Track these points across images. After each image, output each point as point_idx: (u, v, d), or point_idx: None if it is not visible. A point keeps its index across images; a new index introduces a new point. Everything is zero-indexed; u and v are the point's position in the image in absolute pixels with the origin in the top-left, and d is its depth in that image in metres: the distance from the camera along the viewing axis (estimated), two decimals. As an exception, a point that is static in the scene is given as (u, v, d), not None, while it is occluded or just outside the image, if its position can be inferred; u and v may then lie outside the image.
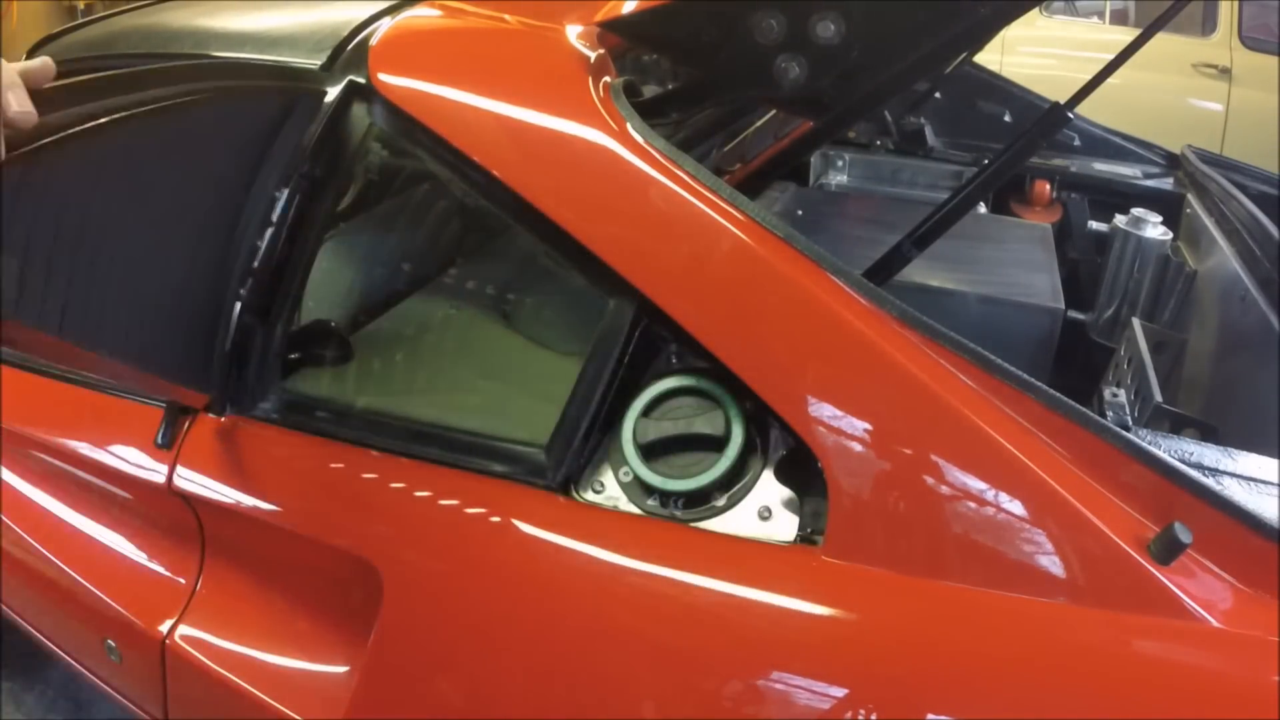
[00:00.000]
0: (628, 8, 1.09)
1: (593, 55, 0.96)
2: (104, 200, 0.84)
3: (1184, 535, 0.67)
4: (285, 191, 0.96)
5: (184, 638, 1.07)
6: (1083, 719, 0.68)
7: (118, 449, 1.12)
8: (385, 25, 1.02)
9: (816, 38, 0.94)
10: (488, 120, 0.91)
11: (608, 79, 0.94)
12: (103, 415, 1.15)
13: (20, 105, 0.71)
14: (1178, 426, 1.05)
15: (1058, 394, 0.74)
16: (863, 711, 0.72)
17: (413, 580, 0.91)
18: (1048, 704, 0.69)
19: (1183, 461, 0.76)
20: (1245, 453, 0.86)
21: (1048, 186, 1.91)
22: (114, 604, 1.13)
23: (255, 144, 0.96)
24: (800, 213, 1.66)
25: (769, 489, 0.82)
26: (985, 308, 1.35)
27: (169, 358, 0.94)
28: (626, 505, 0.84)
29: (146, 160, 0.86)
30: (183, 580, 1.11)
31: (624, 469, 0.85)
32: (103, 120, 0.81)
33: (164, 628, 1.08)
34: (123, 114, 0.83)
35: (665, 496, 0.82)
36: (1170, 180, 1.87)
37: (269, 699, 1.00)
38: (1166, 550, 0.68)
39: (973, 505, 0.73)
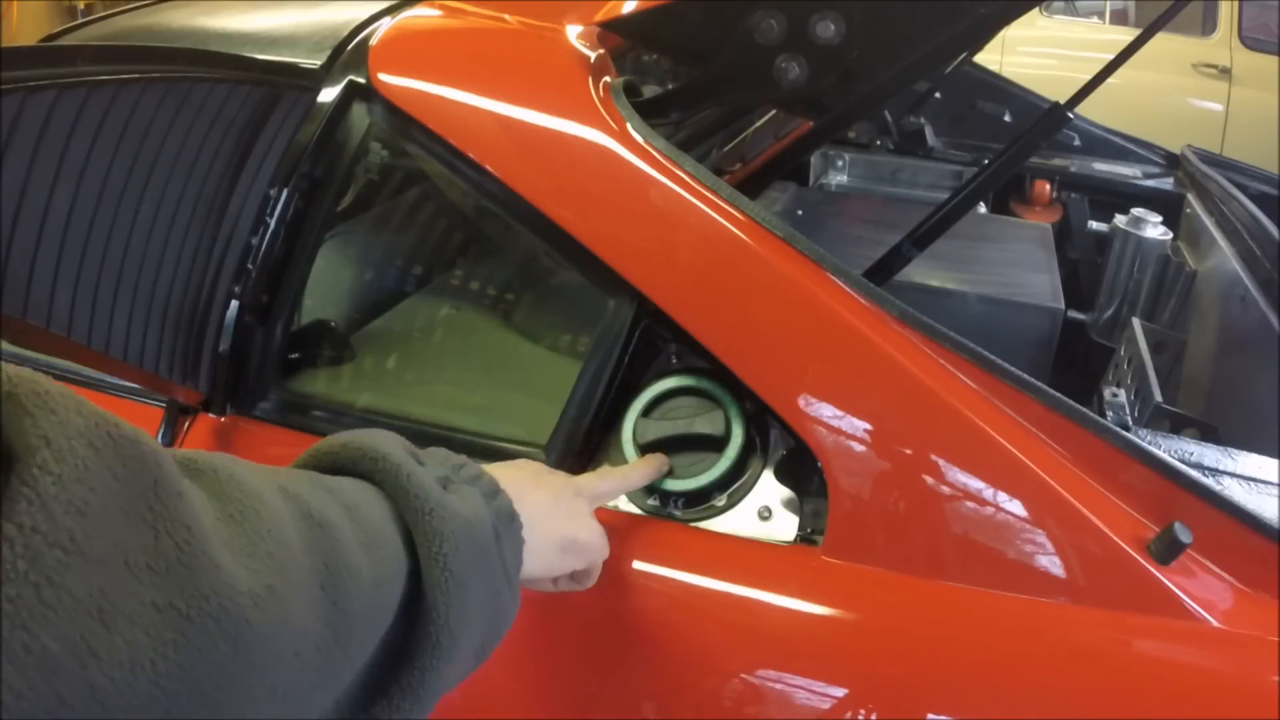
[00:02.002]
0: (628, 8, 1.09)
1: (593, 55, 0.96)
2: (99, 194, 0.83)
3: (1184, 535, 0.67)
4: (285, 191, 0.96)
5: (184, 638, 1.07)
6: (1083, 719, 0.68)
7: (117, 449, 1.12)
8: (385, 25, 1.02)
9: (816, 38, 0.94)
10: (487, 120, 0.91)
11: (608, 79, 0.94)
12: (102, 415, 1.15)
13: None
14: (1178, 426, 1.05)
15: (1058, 394, 0.75)
16: (863, 711, 0.72)
17: (413, 580, 0.91)
18: (1048, 704, 0.69)
19: (1183, 461, 0.76)
20: (1245, 453, 0.86)
21: (1048, 186, 1.91)
22: (114, 604, 1.13)
23: (254, 143, 0.96)
24: (800, 213, 1.66)
25: (769, 489, 0.82)
26: (985, 308, 1.35)
27: (160, 353, 0.94)
28: (626, 505, 0.84)
29: (141, 156, 0.86)
30: (182, 580, 1.11)
31: (624, 469, 0.85)
32: (99, 114, 0.81)
33: (164, 628, 1.08)
34: (119, 109, 0.83)
35: (665, 496, 0.83)
36: (1170, 180, 1.87)
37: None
38: (1166, 550, 0.68)
39: (973, 505, 0.73)
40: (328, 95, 0.98)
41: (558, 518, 0.68)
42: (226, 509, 0.39)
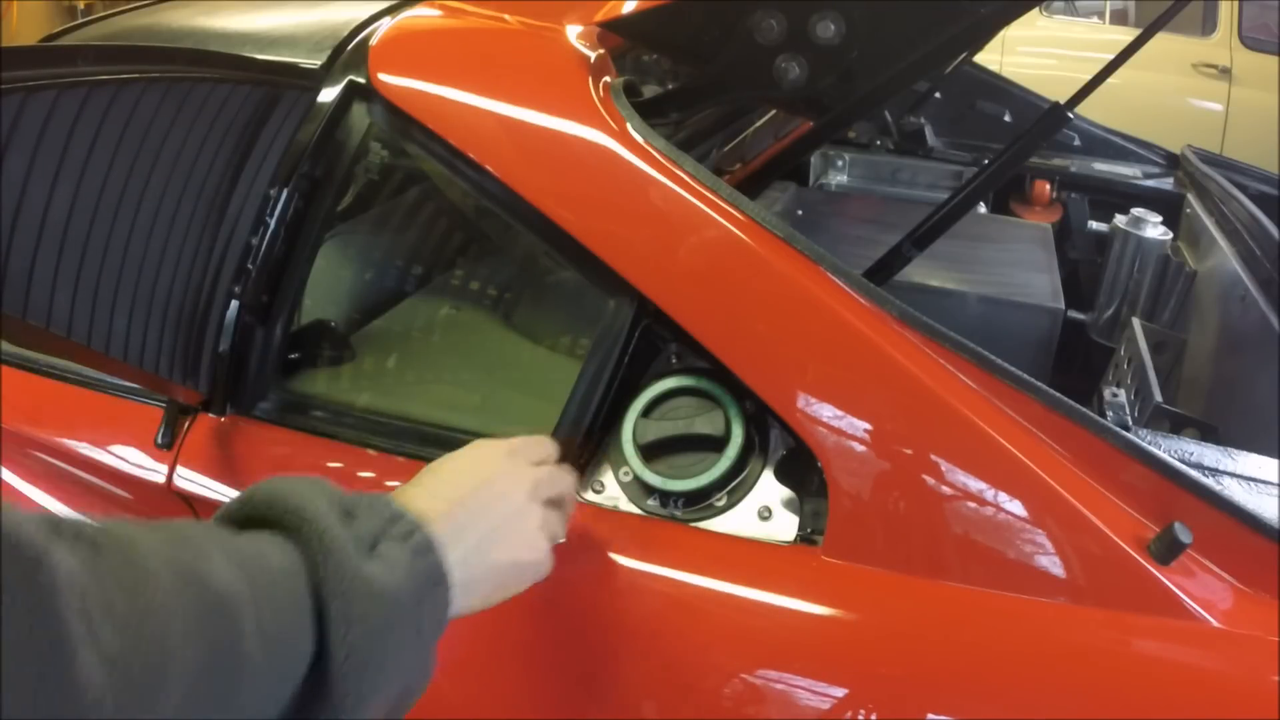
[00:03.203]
0: (628, 8, 1.09)
1: (593, 55, 0.96)
2: (99, 194, 0.83)
3: (1184, 535, 0.67)
4: (285, 191, 0.96)
5: (184, 638, 1.07)
6: (1083, 719, 0.68)
7: (118, 449, 1.12)
8: (385, 25, 1.02)
9: (816, 38, 0.94)
10: (487, 120, 0.91)
11: (608, 79, 0.94)
12: (103, 415, 1.15)
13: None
14: (1178, 426, 1.05)
15: (1058, 394, 0.74)
16: (863, 711, 0.72)
17: (413, 580, 0.91)
18: (1048, 704, 0.69)
19: (1183, 461, 0.76)
20: (1245, 453, 0.86)
21: (1048, 186, 1.91)
22: (114, 604, 1.13)
23: (254, 143, 0.96)
24: (800, 213, 1.66)
25: (769, 489, 0.82)
26: (985, 308, 1.35)
27: (160, 353, 0.94)
28: (626, 505, 0.84)
29: (142, 156, 0.86)
30: (183, 580, 1.11)
31: (624, 469, 0.85)
32: (100, 114, 0.81)
33: (164, 628, 1.08)
34: (120, 109, 0.83)
35: (665, 496, 0.82)
36: (1170, 180, 1.87)
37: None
38: (1166, 550, 0.68)
39: (973, 505, 0.73)
40: (328, 95, 0.98)
41: (501, 544, 0.65)
42: (106, 596, 0.38)
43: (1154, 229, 1.63)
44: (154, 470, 1.06)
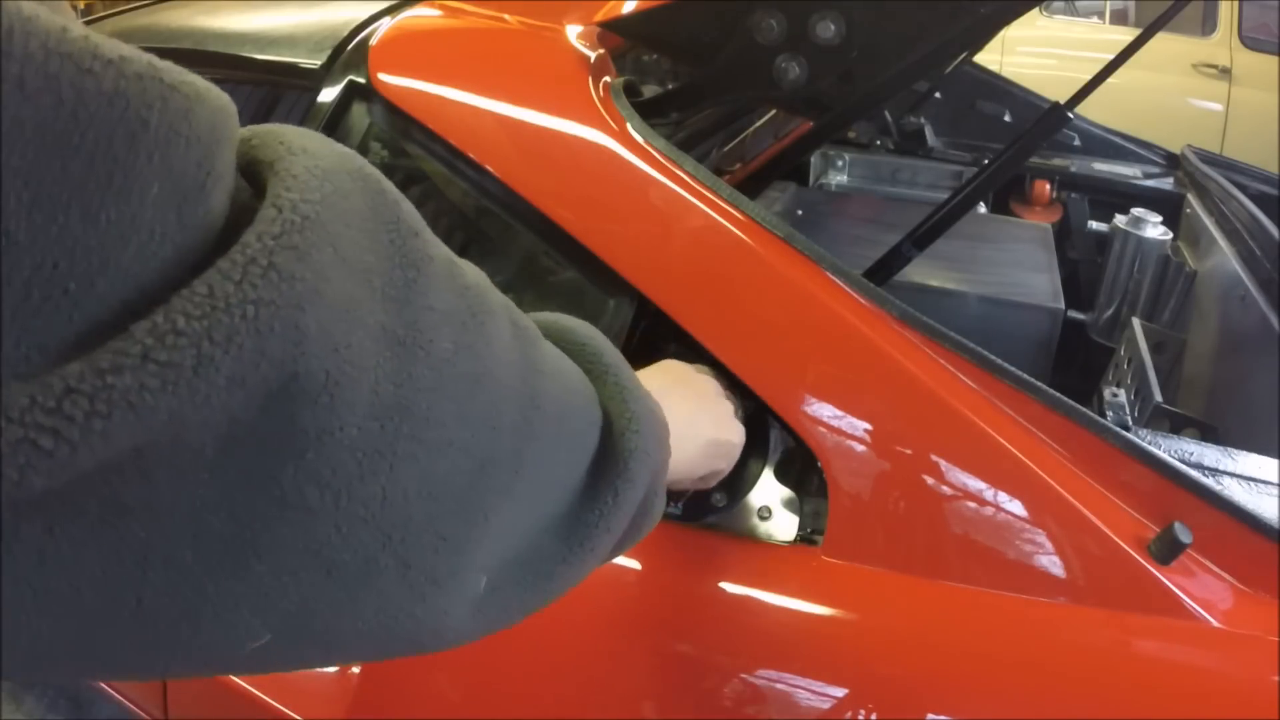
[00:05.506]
0: (628, 8, 1.09)
1: (593, 55, 0.96)
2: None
3: (1184, 535, 0.67)
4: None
5: (184, 638, 1.07)
6: (1083, 719, 0.68)
7: (118, 449, 1.12)
8: (385, 25, 1.02)
9: (816, 38, 0.94)
10: (488, 120, 0.91)
11: (608, 79, 0.94)
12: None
13: None
14: (1178, 426, 1.05)
15: (1058, 394, 0.75)
16: (863, 711, 0.72)
17: (413, 580, 0.91)
18: (1048, 704, 0.69)
19: (1183, 461, 0.76)
20: (1245, 453, 0.86)
21: (1048, 186, 1.91)
22: (114, 604, 1.13)
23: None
24: (800, 213, 1.66)
25: (769, 489, 0.82)
26: (985, 308, 1.35)
27: None
28: (626, 505, 0.84)
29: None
30: (183, 580, 1.11)
31: (624, 469, 0.85)
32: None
33: (164, 628, 1.08)
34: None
35: (665, 496, 0.82)
36: (1170, 180, 1.87)
37: (268, 698, 1.00)
38: (1166, 550, 0.68)
39: (973, 505, 0.73)
40: (328, 95, 0.98)
41: (701, 424, 0.69)
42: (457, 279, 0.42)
43: (1154, 229, 1.63)
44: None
